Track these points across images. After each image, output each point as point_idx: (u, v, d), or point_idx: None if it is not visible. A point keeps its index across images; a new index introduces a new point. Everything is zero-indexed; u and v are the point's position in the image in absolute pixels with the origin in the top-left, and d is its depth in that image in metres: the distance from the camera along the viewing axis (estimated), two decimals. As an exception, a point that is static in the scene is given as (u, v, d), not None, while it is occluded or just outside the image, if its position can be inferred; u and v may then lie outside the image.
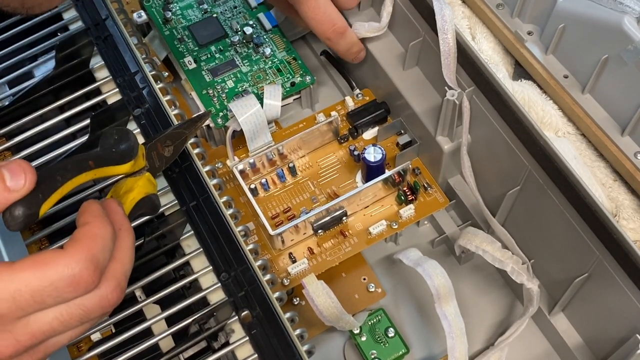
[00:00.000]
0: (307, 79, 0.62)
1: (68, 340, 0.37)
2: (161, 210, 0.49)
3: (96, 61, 0.56)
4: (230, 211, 0.50)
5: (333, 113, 0.58)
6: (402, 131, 0.59)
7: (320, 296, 0.48)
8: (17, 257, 0.44)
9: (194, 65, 0.62)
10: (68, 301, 0.34)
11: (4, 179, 0.35)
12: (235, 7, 0.66)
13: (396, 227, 0.55)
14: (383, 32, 0.58)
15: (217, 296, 0.45)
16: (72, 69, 0.56)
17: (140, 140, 0.49)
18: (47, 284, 0.33)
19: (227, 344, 0.44)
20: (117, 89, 0.54)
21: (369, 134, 0.60)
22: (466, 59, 0.49)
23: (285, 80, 0.62)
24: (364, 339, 0.53)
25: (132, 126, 0.53)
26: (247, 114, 0.56)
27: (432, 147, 0.55)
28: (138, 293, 0.48)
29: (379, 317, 0.54)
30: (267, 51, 0.63)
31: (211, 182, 0.49)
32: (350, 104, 0.61)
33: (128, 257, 0.38)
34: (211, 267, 0.46)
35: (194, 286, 0.47)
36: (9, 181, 0.35)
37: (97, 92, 0.55)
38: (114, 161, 0.41)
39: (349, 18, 0.61)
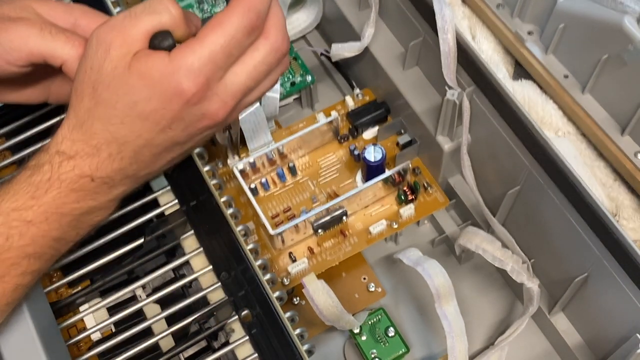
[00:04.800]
0: (307, 78, 0.62)
1: (257, 96, 0.42)
2: (161, 209, 0.49)
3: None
4: (230, 211, 0.50)
5: (333, 113, 0.58)
6: (402, 131, 0.59)
7: (320, 296, 0.48)
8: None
9: (194, 65, 0.62)
10: (246, 49, 0.39)
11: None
12: (236, 7, 0.66)
13: (396, 226, 0.55)
14: (364, 48, 0.59)
15: (217, 296, 0.46)
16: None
17: None
18: (230, 38, 0.38)
19: (227, 343, 0.44)
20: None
21: (369, 133, 0.60)
22: (466, 58, 0.49)
23: (285, 80, 0.62)
24: (364, 338, 0.53)
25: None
26: (246, 112, 0.55)
27: (432, 147, 0.55)
28: (138, 292, 0.48)
29: (379, 317, 0.54)
30: (267, 51, 0.63)
31: (211, 182, 0.49)
32: (350, 103, 0.61)
33: (281, 11, 0.41)
34: (211, 267, 0.46)
35: (194, 285, 0.47)
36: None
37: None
38: None
39: (349, 19, 0.61)
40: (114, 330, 0.47)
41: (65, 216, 0.39)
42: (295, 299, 0.55)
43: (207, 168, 0.51)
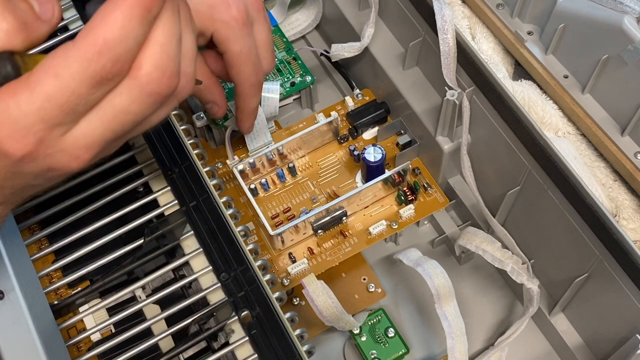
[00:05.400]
0: (307, 79, 0.62)
1: (136, 133, 0.34)
2: (161, 210, 0.49)
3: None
4: (230, 211, 0.50)
5: (333, 113, 0.58)
6: (402, 131, 0.59)
7: (320, 296, 0.48)
8: (17, 257, 0.44)
9: (193, 65, 0.62)
10: (102, 100, 0.30)
11: (32, 6, 0.30)
12: (235, 7, 0.66)
13: (396, 227, 0.55)
14: (364, 48, 0.59)
15: (217, 296, 0.45)
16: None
17: None
18: (69, 93, 0.29)
19: (227, 344, 0.44)
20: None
21: (369, 134, 0.60)
22: (466, 59, 0.49)
23: (285, 80, 0.62)
24: (364, 339, 0.53)
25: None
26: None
27: (432, 147, 0.55)
28: (138, 293, 0.48)
29: (379, 317, 0.54)
30: (267, 51, 0.63)
31: (211, 182, 0.49)
32: (350, 104, 0.61)
33: (170, 37, 0.31)
34: (211, 267, 0.46)
35: (194, 286, 0.47)
36: (37, 8, 0.30)
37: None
38: None
39: (349, 19, 0.61)
40: (113, 330, 0.47)
41: None
42: (295, 300, 0.55)
43: (207, 168, 0.51)
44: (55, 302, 0.46)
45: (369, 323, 0.54)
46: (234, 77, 0.48)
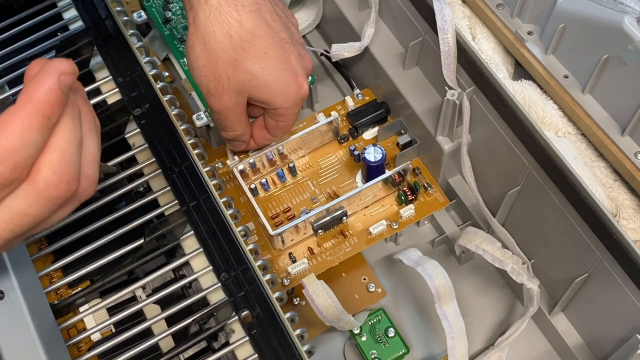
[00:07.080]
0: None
1: (37, 231, 0.34)
2: (161, 210, 0.49)
3: (96, 61, 0.56)
4: (230, 211, 0.50)
5: (333, 113, 0.58)
6: (402, 131, 0.59)
7: (320, 296, 0.48)
8: (17, 257, 0.44)
9: (194, 65, 0.62)
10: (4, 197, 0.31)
11: None
12: (235, 7, 0.66)
13: (396, 227, 0.55)
14: (364, 48, 0.59)
15: (217, 296, 0.46)
16: (72, 69, 0.56)
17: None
18: None
19: (227, 344, 0.44)
20: (117, 89, 0.54)
21: (369, 134, 0.60)
22: (466, 59, 0.49)
23: (285, 80, 0.62)
24: (364, 339, 0.53)
25: (132, 126, 0.53)
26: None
27: (432, 147, 0.55)
28: (138, 293, 0.48)
29: (379, 317, 0.54)
30: (267, 51, 0.63)
31: (211, 182, 0.49)
32: (351, 103, 0.61)
33: (69, 143, 0.32)
34: (211, 267, 0.46)
35: (194, 286, 0.47)
36: None
37: (97, 92, 0.55)
38: None
39: (349, 19, 0.61)
40: (114, 330, 0.47)
41: None
42: (295, 300, 0.55)
43: (207, 168, 0.51)
44: (56, 302, 0.46)
45: (369, 323, 0.54)
46: (280, 129, 0.53)
